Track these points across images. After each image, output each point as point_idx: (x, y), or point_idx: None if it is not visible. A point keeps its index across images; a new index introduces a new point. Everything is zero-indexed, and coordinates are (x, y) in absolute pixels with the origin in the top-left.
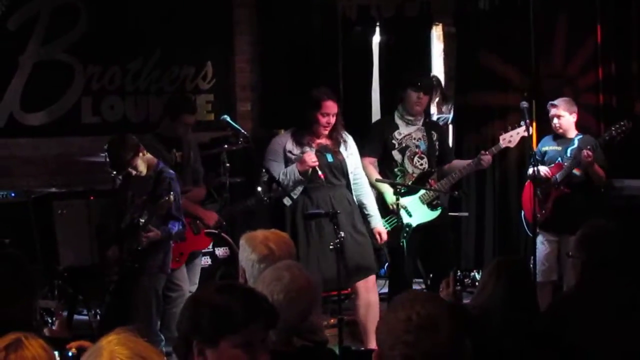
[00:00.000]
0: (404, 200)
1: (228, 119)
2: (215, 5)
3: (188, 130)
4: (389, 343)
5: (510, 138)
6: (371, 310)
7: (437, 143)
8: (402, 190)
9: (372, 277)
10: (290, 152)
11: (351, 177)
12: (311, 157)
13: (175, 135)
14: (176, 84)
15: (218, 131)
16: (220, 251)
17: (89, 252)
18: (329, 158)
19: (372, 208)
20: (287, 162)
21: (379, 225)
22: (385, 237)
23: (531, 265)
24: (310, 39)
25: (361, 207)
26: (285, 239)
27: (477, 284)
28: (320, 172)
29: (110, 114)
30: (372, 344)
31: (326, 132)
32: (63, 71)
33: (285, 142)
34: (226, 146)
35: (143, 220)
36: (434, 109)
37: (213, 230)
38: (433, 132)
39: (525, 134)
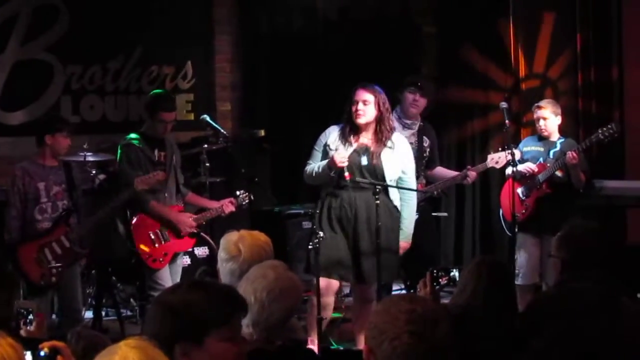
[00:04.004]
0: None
1: (208, 118)
2: (196, 4)
3: (167, 129)
4: (391, 334)
5: (498, 159)
6: (363, 318)
7: (427, 149)
8: (378, 190)
9: (373, 285)
10: (329, 145)
11: (392, 183)
12: (339, 158)
13: (157, 135)
14: (156, 84)
15: (198, 131)
16: (199, 251)
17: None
18: (364, 160)
19: (404, 219)
20: (325, 154)
21: (403, 238)
22: (401, 251)
23: (511, 265)
24: (290, 39)
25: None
26: (260, 242)
27: (455, 283)
28: (346, 173)
29: (90, 113)
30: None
31: (360, 121)
32: (43, 70)
33: (331, 133)
34: (206, 146)
35: None
36: None
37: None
38: (425, 137)
39: (510, 157)
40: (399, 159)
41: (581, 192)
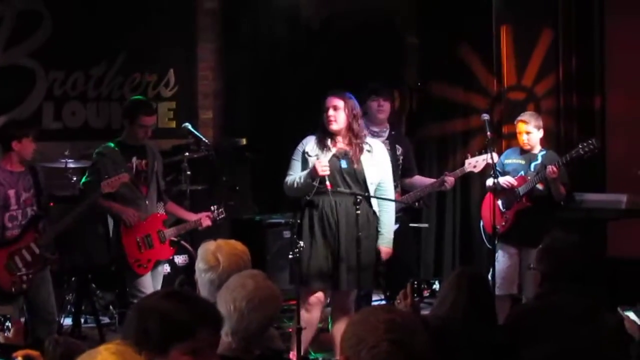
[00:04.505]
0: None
1: (190, 126)
2: (179, 12)
3: (147, 133)
4: (371, 342)
5: (476, 163)
6: (342, 326)
7: (401, 157)
8: (359, 200)
9: (352, 294)
10: (307, 153)
11: (372, 187)
12: (321, 166)
13: (137, 143)
14: (138, 91)
15: (180, 139)
16: (179, 259)
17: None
18: (344, 164)
19: (384, 225)
20: (305, 162)
21: (383, 244)
22: (385, 257)
23: (490, 277)
24: (273, 48)
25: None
26: (238, 251)
27: (436, 294)
28: (328, 182)
29: (72, 119)
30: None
31: (332, 127)
32: (25, 76)
33: (308, 142)
34: (187, 154)
35: None
36: None
37: (174, 239)
38: (398, 145)
39: (490, 161)
40: (378, 164)
41: (561, 205)
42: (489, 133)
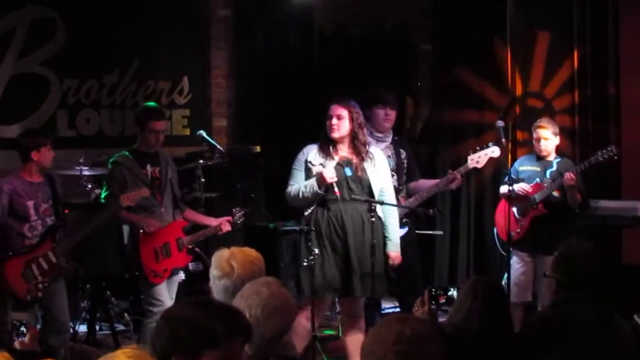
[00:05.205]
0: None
1: (204, 134)
2: (192, 20)
3: (159, 139)
4: (379, 354)
5: (478, 159)
6: (353, 333)
7: (405, 161)
8: (374, 207)
9: (360, 300)
10: (310, 162)
11: (376, 194)
12: (329, 174)
13: (150, 150)
14: (152, 99)
15: (193, 146)
16: (193, 266)
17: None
18: (348, 172)
19: (391, 230)
20: (308, 171)
21: (392, 249)
22: (395, 262)
23: (504, 284)
24: (286, 55)
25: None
26: (252, 258)
27: (452, 301)
28: (336, 189)
29: (86, 127)
30: None
31: (335, 135)
32: (39, 84)
33: (310, 151)
34: (201, 161)
35: None
36: None
37: (189, 246)
38: (401, 149)
39: (493, 154)
40: (379, 171)
41: (576, 212)
42: (503, 140)
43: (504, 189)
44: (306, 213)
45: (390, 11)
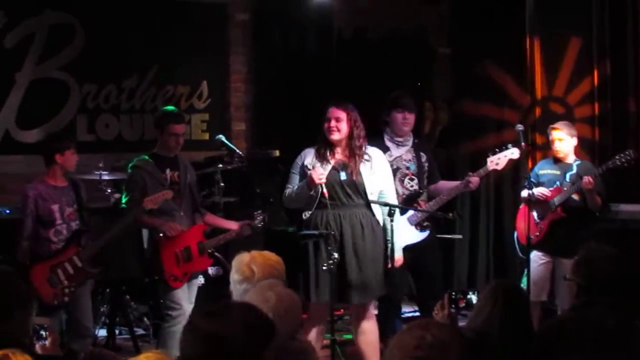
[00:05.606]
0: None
1: (223, 138)
2: (211, 24)
3: (179, 142)
4: (399, 359)
5: (498, 160)
6: (365, 336)
7: (426, 164)
8: (393, 212)
9: (369, 304)
10: (306, 166)
11: (372, 197)
12: (317, 175)
13: (170, 154)
14: (171, 103)
15: (212, 150)
16: (213, 270)
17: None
18: (343, 176)
19: (393, 233)
20: (304, 175)
21: (395, 252)
22: (397, 263)
23: (523, 287)
24: (305, 59)
25: (383, 230)
26: (272, 262)
27: (471, 305)
28: (325, 189)
29: (105, 132)
30: None
31: (333, 138)
32: (59, 89)
33: (307, 155)
34: (221, 165)
35: None
36: None
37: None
38: (422, 152)
39: (513, 156)
40: (377, 173)
41: (596, 216)
42: (523, 144)
43: (524, 193)
44: (304, 217)
45: (408, 15)
